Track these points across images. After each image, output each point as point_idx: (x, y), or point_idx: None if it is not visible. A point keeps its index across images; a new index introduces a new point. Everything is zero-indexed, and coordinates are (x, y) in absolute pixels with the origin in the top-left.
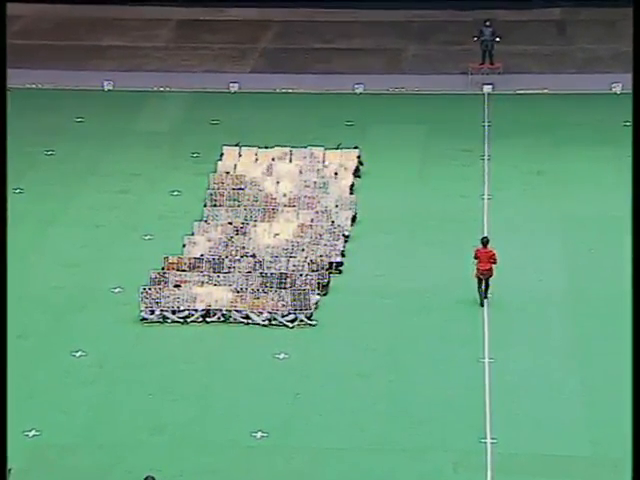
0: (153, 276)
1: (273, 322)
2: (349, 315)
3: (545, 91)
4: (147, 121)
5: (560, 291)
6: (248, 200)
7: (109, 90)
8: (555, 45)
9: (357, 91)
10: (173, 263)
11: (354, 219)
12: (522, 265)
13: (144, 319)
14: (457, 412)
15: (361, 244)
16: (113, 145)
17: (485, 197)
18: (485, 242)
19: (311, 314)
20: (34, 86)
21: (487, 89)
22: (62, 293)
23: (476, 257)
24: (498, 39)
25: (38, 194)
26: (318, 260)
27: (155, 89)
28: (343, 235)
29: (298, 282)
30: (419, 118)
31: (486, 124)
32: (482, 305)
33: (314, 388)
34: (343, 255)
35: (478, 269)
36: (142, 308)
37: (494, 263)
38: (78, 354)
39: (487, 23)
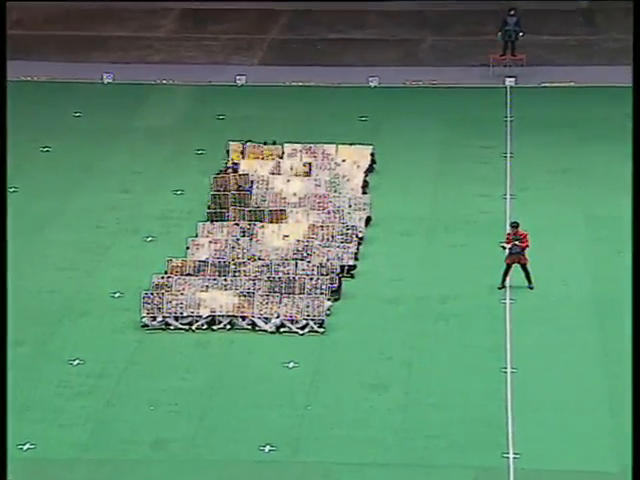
0: (155, 280)
1: (282, 329)
2: (362, 322)
3: (571, 84)
4: (149, 116)
5: (586, 295)
6: (255, 200)
7: (109, 83)
8: (582, 35)
9: (371, 84)
10: (177, 266)
11: (368, 220)
12: (546, 268)
13: (145, 326)
14: (478, 425)
15: (375, 247)
16: (113, 141)
17: (507, 197)
18: (515, 226)
19: (322, 321)
20: (29, 79)
21: (509, 82)
22: (58, 298)
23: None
24: (522, 34)
25: (33, 193)
26: (329, 264)
27: (158, 82)
28: (356, 237)
29: (308, 286)
30: (437, 113)
31: (508, 119)
32: (500, 288)
33: (325, 399)
34: (356, 258)
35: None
36: (143, 314)
37: (526, 246)
38: (75, 363)
39: (512, 12)
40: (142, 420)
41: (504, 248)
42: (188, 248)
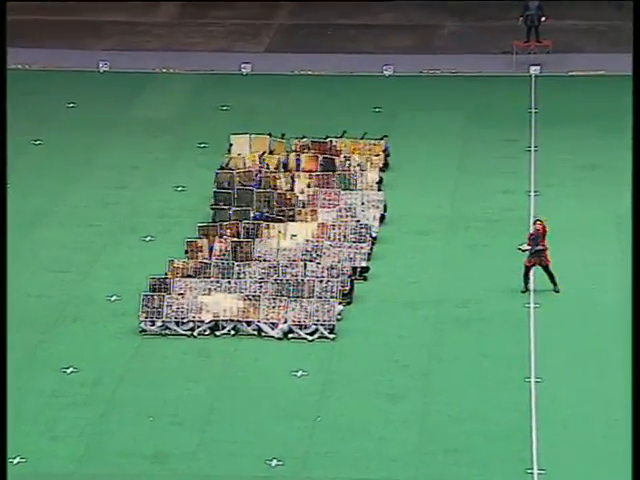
0: (154, 283)
1: (290, 335)
2: (376, 327)
3: (601, 73)
4: (147, 107)
5: (616, 300)
6: (261, 197)
7: (105, 72)
8: (613, 20)
9: (386, 73)
10: (178, 268)
11: (382, 219)
12: (574, 271)
13: (144, 331)
14: (500, 439)
15: (390, 247)
16: (109, 134)
17: (532, 194)
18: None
19: (333, 326)
20: (20, 67)
21: (534, 70)
22: (50, 302)
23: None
24: (544, 18)
25: (23, 189)
26: (340, 265)
27: (157, 71)
28: (370, 237)
29: (318, 289)
30: (456, 104)
31: (533, 111)
32: (523, 292)
33: (336, 411)
34: (369, 259)
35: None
36: (142, 319)
37: (544, 233)
38: (69, 371)
39: None
40: (140, 432)
41: (522, 251)
42: (187, 252)
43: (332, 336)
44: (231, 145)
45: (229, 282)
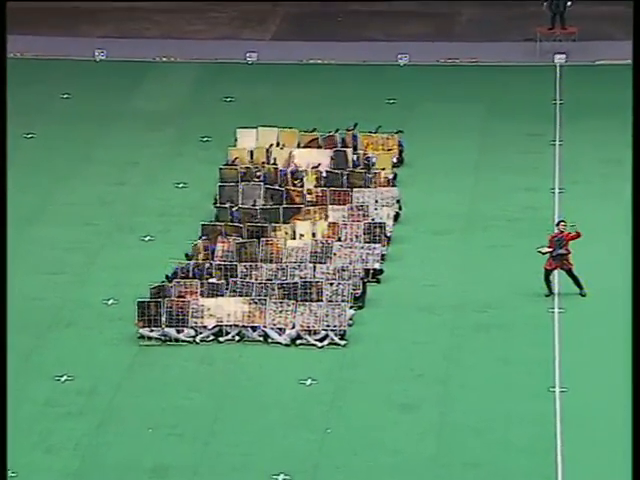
0: (153, 285)
1: (298, 341)
2: (390, 333)
3: (630, 62)
4: (147, 98)
5: None
6: (267, 194)
7: (101, 60)
8: None
9: (400, 62)
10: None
11: (397, 217)
12: (601, 274)
13: (142, 337)
14: (522, 453)
15: (405, 247)
16: (106, 127)
17: (556, 191)
18: (562, 225)
19: (344, 332)
20: (12, 55)
21: (559, 59)
22: (43, 306)
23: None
24: (570, 3)
25: (15, 186)
26: (352, 267)
27: (157, 60)
28: (384, 236)
29: (328, 293)
30: (475, 95)
31: (557, 102)
32: (547, 295)
33: (348, 422)
34: (383, 260)
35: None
36: (140, 324)
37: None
38: (63, 379)
39: None
40: (139, 444)
41: (542, 254)
42: (187, 255)
43: (343, 342)
44: (236, 139)
45: (233, 285)
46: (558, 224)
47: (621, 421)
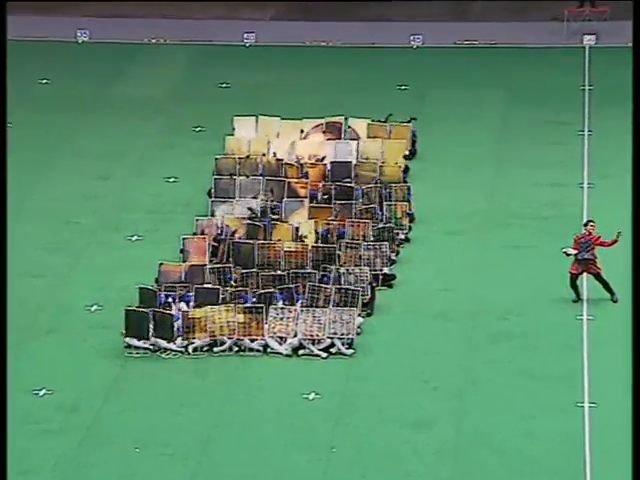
0: (142, 290)
1: (300, 351)
2: (401, 342)
3: None
4: (135, 84)
5: None
6: (266, 190)
7: (84, 42)
8: None
9: (413, 44)
10: (169, 272)
11: (408, 216)
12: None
13: (129, 347)
14: (548, 475)
15: (418, 248)
16: (89, 115)
17: (584, 186)
18: (589, 225)
19: (352, 341)
20: None
21: (588, 41)
22: (21, 312)
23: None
24: None
25: None
26: (359, 270)
27: (145, 41)
28: (395, 237)
29: (333, 298)
30: (496, 81)
31: (586, 88)
32: (575, 301)
33: (355, 440)
34: (393, 263)
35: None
36: (127, 333)
37: (596, 243)
38: (42, 393)
39: None
40: (125, 465)
41: (567, 255)
42: (182, 252)
43: (350, 352)
44: (234, 129)
45: (226, 290)
46: (586, 224)
47: None
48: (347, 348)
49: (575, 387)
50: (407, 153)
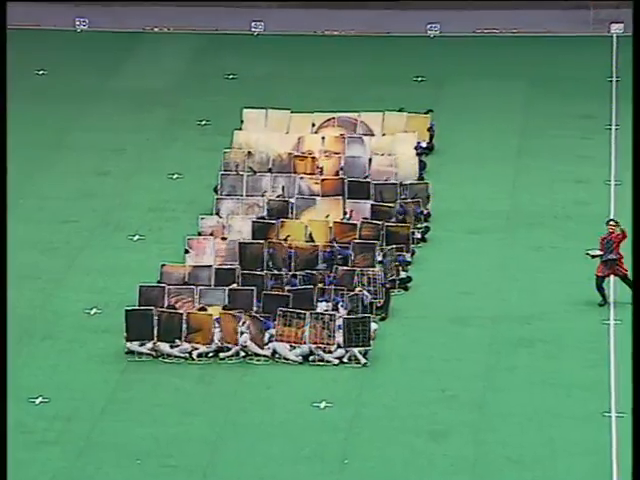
0: (143, 291)
1: (311, 358)
2: (417, 349)
3: None
4: (136, 75)
5: None
6: (275, 186)
7: (83, 31)
8: None
9: (430, 34)
10: (172, 273)
11: (425, 213)
12: None
13: (130, 352)
14: None
15: (435, 249)
16: (88, 108)
17: (612, 182)
18: (612, 224)
19: (367, 349)
20: None
21: (616, 29)
22: (15, 316)
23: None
24: None
25: None
26: (372, 272)
27: (147, 30)
28: (411, 236)
29: (344, 304)
30: (517, 71)
31: (614, 79)
32: (601, 305)
33: (368, 451)
34: (408, 265)
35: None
36: (128, 337)
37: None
38: (38, 401)
39: None
40: (126, 477)
41: (592, 257)
42: (187, 252)
43: (363, 360)
44: (242, 122)
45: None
46: (607, 223)
47: None
48: (364, 356)
49: (601, 396)
50: (425, 145)
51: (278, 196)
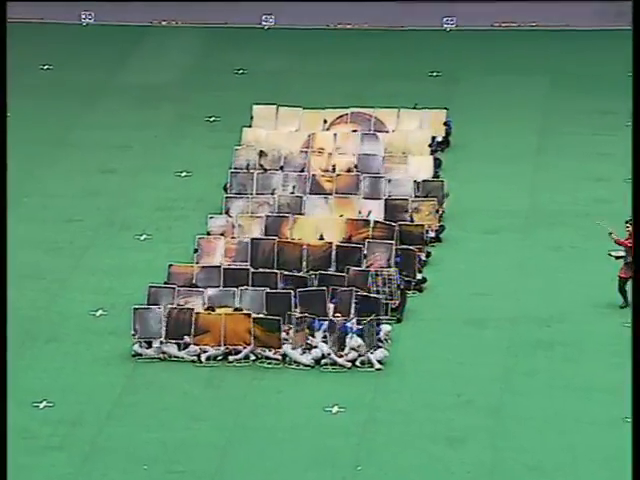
0: (151, 293)
1: (323, 361)
2: (432, 352)
3: None
4: (143, 70)
5: None
6: (285, 184)
7: (89, 25)
8: None
9: (446, 27)
10: (180, 274)
11: (440, 212)
12: None
13: (137, 355)
14: None
15: (451, 249)
16: (94, 104)
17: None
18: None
19: (385, 356)
20: None
21: None
22: (19, 318)
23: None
24: None
25: None
26: (386, 272)
27: (155, 24)
28: (425, 236)
29: (357, 303)
30: (536, 67)
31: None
32: (623, 307)
33: (381, 457)
34: (423, 264)
35: None
36: (135, 339)
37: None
38: (42, 406)
39: None
40: None
41: (616, 258)
42: (196, 251)
43: (378, 365)
44: (252, 118)
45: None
46: (627, 223)
47: None
48: (379, 362)
49: (622, 400)
50: (440, 140)
51: (291, 192)
